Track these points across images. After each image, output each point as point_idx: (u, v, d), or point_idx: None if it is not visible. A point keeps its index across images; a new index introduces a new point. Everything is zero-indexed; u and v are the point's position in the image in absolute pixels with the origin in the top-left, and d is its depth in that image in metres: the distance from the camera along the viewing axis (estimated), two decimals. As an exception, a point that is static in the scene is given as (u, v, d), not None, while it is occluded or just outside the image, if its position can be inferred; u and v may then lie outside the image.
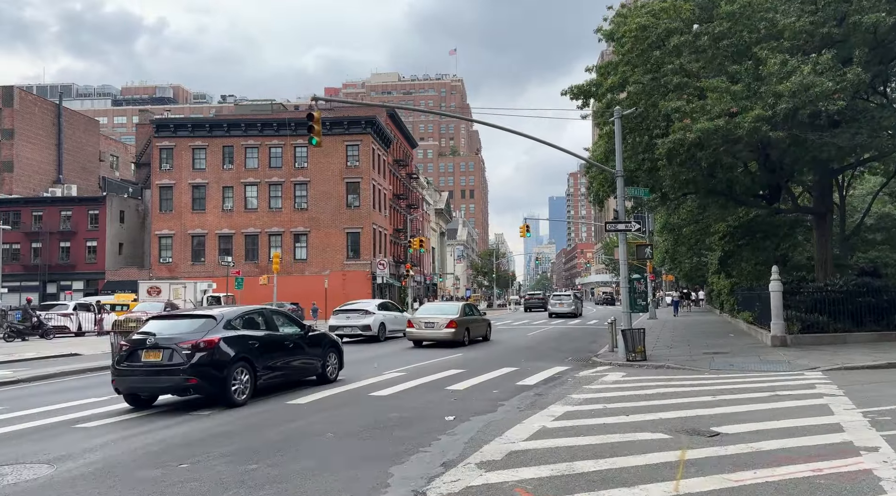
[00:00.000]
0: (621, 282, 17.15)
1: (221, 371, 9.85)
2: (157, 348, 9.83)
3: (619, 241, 17.29)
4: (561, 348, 20.80)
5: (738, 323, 26.91)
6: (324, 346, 12.53)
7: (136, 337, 10.25)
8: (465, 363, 16.15)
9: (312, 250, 53.41)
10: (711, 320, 34.35)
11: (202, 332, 10.02)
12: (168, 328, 10.41)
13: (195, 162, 53.71)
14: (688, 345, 19.22)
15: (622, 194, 17.01)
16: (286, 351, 11.42)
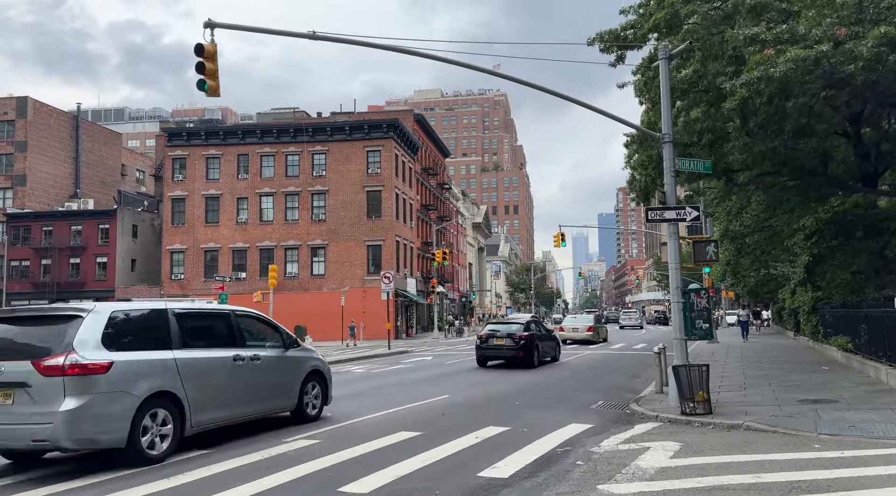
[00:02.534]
0: (671, 295, 11.91)
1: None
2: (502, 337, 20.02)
3: (668, 238, 12.07)
4: (591, 385, 15.55)
5: (826, 350, 21.00)
6: None
7: (487, 330, 21.22)
8: (435, 414, 11.14)
9: (331, 265, 49.26)
10: (787, 345, 28.23)
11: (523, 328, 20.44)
12: (505, 326, 21.12)
13: (209, 172, 50.50)
14: (769, 386, 13.69)
15: (670, 167, 11.83)
16: None
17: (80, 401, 6.95)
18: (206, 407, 8.31)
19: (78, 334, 7.20)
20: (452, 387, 15.19)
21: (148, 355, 7.76)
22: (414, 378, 17.19)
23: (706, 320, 11.61)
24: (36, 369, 6.99)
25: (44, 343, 7.26)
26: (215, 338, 8.92)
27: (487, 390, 14.62)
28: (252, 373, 9.16)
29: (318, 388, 10.59)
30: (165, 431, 7.73)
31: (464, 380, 16.59)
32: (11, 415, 6.96)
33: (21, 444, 7.14)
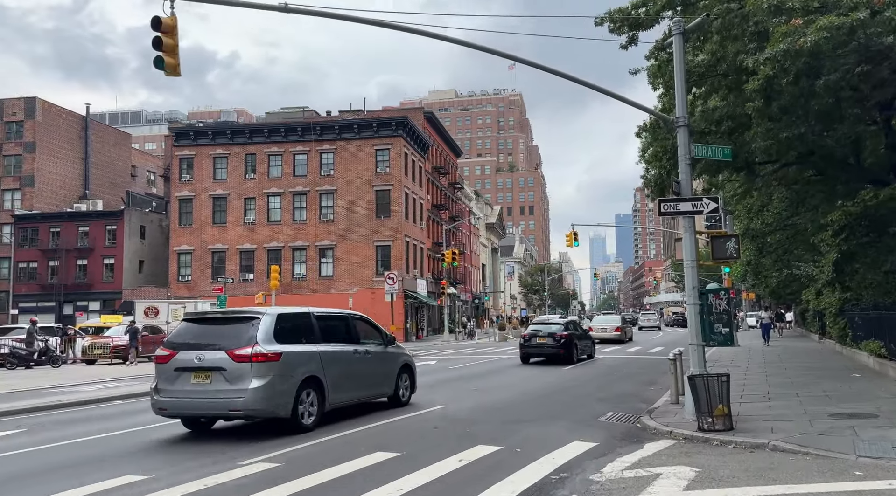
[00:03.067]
0: (687, 296, 10.72)
1: None
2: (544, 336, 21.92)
3: (683, 233, 10.89)
4: (601, 394, 14.37)
5: (856, 355, 19.62)
6: None
7: (531, 330, 23.00)
8: (425, 428, 10.06)
9: (339, 266, 48.39)
10: (812, 349, 26.77)
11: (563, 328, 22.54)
12: (546, 326, 22.89)
13: (216, 172, 49.88)
14: (796, 396, 12.43)
15: (685, 154, 10.66)
16: None
17: (263, 382, 9.19)
18: (338, 389, 10.49)
19: (258, 331, 9.47)
20: (451, 395, 14.09)
21: (302, 348, 10.01)
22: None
23: (726, 324, 10.40)
24: (229, 357, 9.26)
25: (233, 338, 9.49)
26: (340, 335, 11.12)
27: (488, 399, 13.50)
28: (365, 365, 11.36)
29: (408, 379, 12.74)
30: (312, 408, 9.90)
31: (464, 388, 15.49)
32: (210, 391, 9.32)
33: (219, 413, 9.61)
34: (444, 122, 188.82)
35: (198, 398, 9.38)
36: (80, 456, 8.60)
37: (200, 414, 9.79)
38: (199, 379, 9.39)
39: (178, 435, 9.94)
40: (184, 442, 9.41)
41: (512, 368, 21.32)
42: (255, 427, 10.13)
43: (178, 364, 9.49)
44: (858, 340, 19.63)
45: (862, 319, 18.56)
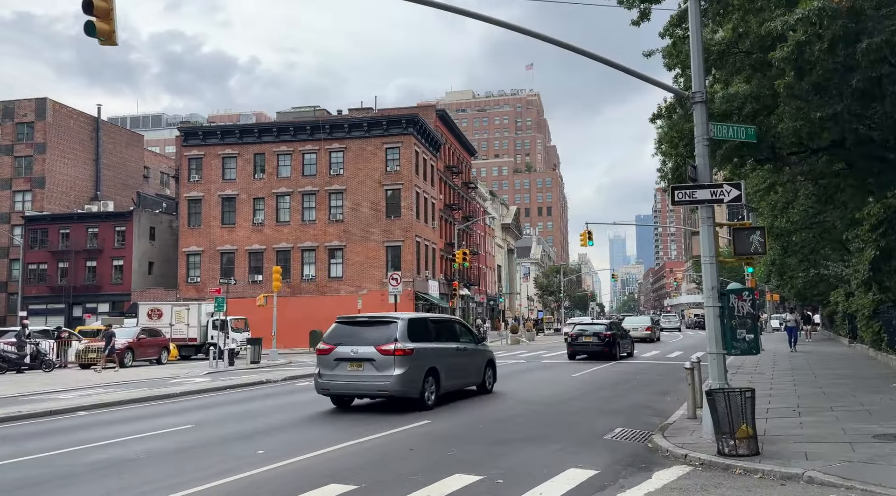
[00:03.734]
0: (705, 298, 9.39)
1: None
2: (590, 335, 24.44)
3: (700, 225, 9.55)
4: (612, 405, 13.07)
5: (892, 361, 18.02)
6: None
7: (577, 330, 25.41)
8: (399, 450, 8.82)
9: (348, 267, 47.36)
10: (842, 354, 25.07)
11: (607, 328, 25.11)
12: (591, 326, 25.72)
13: (225, 172, 49.15)
14: (831, 410, 11.00)
15: (703, 134, 9.34)
16: None
17: (402, 370, 11.86)
18: (448, 378, 13.08)
19: (397, 332, 12.16)
20: (444, 406, 12.85)
21: (425, 344, 12.65)
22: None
23: (751, 329, 9.03)
24: (377, 351, 11.97)
25: (379, 336, 12.20)
26: (447, 335, 13.96)
27: (483, 411, 12.25)
28: (464, 359, 14.06)
29: (491, 372, 15.28)
30: (432, 391, 12.51)
31: (461, 398, 14.23)
32: (362, 377, 12.07)
33: (369, 393, 12.42)
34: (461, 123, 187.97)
35: (353, 381, 12.21)
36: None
37: (355, 394, 12.67)
38: (354, 367, 12.21)
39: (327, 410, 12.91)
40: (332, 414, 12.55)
41: (519, 374, 20.03)
42: (379, 405, 12.98)
43: (337, 355, 12.27)
44: (894, 344, 18.06)
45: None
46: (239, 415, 12.47)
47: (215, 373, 23.17)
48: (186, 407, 13.81)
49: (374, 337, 12.21)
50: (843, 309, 29.11)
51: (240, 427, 10.92)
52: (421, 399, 12.10)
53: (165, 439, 9.89)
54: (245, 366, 26.12)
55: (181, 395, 15.38)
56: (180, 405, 14.13)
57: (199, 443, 9.53)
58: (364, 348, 12.08)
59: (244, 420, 11.73)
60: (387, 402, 12.95)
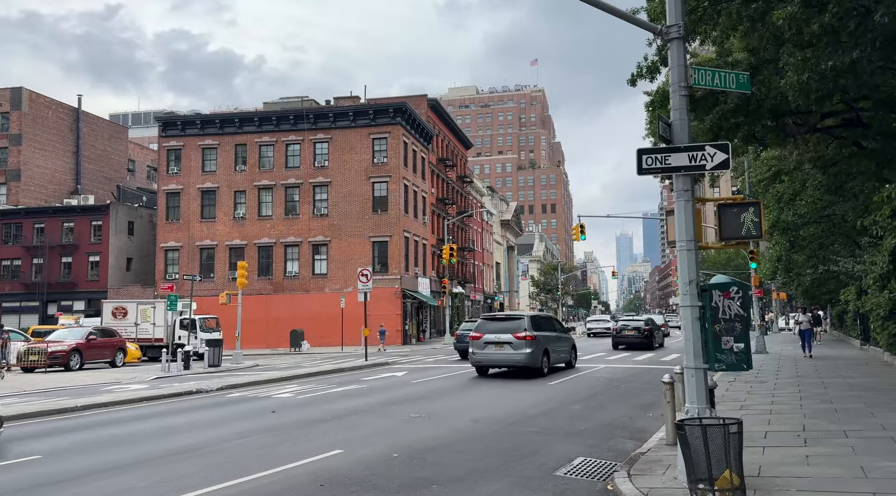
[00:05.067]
0: (680, 295, 7.17)
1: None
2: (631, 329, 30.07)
3: (675, 200, 7.33)
4: (579, 424, 10.91)
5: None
6: None
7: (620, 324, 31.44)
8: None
9: (333, 263, 45.25)
10: (854, 358, 22.74)
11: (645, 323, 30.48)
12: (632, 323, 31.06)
13: (205, 163, 47.14)
14: (845, 437, 8.74)
15: (680, 80, 7.16)
16: None
17: (530, 350, 17.83)
18: (551, 357, 18.91)
19: (525, 323, 18.33)
20: (371, 429, 10.68)
21: (540, 333, 18.46)
22: (328, 412, 12.70)
23: (740, 337, 6.81)
24: (514, 337, 17.98)
25: (513, 327, 18.26)
26: (549, 326, 19.81)
27: (417, 436, 10.06)
28: (560, 343, 19.88)
29: (574, 353, 21.03)
30: (545, 364, 18.36)
31: (401, 415, 12.05)
32: (503, 354, 18.16)
33: (508, 365, 18.42)
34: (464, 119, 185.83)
35: (496, 357, 18.31)
36: None
37: (497, 365, 18.72)
38: (496, 348, 18.14)
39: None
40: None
41: (487, 383, 17.86)
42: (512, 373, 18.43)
43: (486, 340, 18.27)
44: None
45: (924, 325, 14.68)
46: (106, 441, 10.20)
47: (162, 379, 21.10)
48: (57, 428, 11.52)
49: (509, 327, 18.33)
50: (855, 308, 26.74)
51: (89, 461, 8.81)
52: (540, 369, 18.16)
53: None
54: (202, 371, 24.05)
55: (80, 410, 13.23)
56: (52, 425, 11.86)
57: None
58: (504, 335, 18.14)
59: (101, 451, 9.60)
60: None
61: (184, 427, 11.34)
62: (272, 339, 43.46)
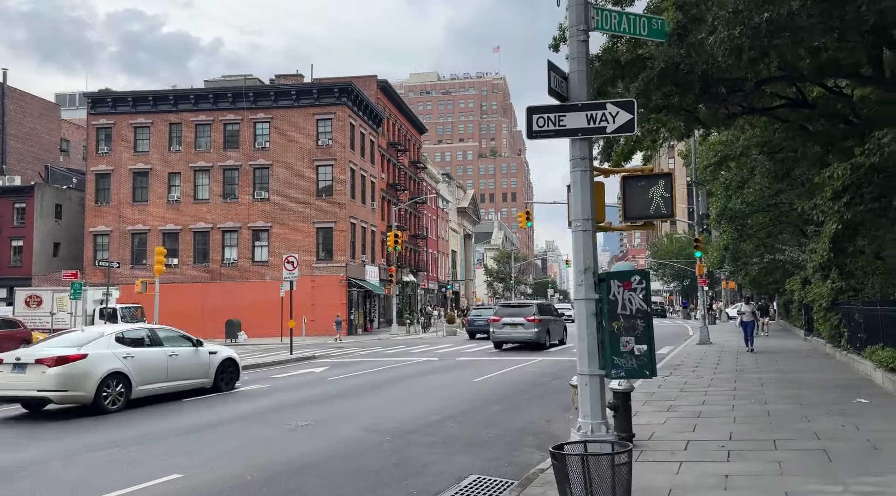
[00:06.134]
0: (574, 286, 5.85)
1: None
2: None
3: (572, 168, 5.97)
4: (486, 432, 9.61)
5: (855, 363, 14.95)
6: None
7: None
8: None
9: (275, 250, 43.22)
10: (797, 350, 22.11)
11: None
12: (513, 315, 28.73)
13: (137, 143, 44.47)
14: (774, 449, 7.58)
15: (579, 21, 5.80)
16: None
17: (537, 329, 23.55)
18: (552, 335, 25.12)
19: (534, 310, 24.29)
20: (235, 445, 9.19)
21: (543, 316, 24.37)
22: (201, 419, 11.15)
23: (643, 337, 5.52)
24: (525, 320, 23.73)
25: (525, 312, 24.25)
26: (548, 312, 26.30)
27: (287, 454, 8.61)
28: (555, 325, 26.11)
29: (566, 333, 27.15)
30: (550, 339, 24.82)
31: (287, 422, 10.58)
32: (517, 332, 23.81)
33: (521, 341, 23.89)
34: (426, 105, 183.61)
35: (512, 335, 23.76)
36: None
37: (512, 341, 24.05)
38: (511, 328, 23.71)
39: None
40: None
41: (412, 379, 16.55)
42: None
43: (504, 322, 23.86)
44: (857, 343, 14.99)
45: (866, 317, 13.83)
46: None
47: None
48: None
49: (522, 312, 24.03)
50: (799, 298, 26.25)
51: None
52: (544, 344, 23.60)
53: None
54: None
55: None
56: None
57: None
58: (517, 318, 23.74)
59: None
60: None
61: (10, 441, 9.62)
62: (208, 330, 41.22)
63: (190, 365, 13.28)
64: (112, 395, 11.54)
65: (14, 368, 11.25)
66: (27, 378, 11.09)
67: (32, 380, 11.03)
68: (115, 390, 11.62)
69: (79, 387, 11.14)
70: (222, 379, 14.00)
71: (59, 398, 11.09)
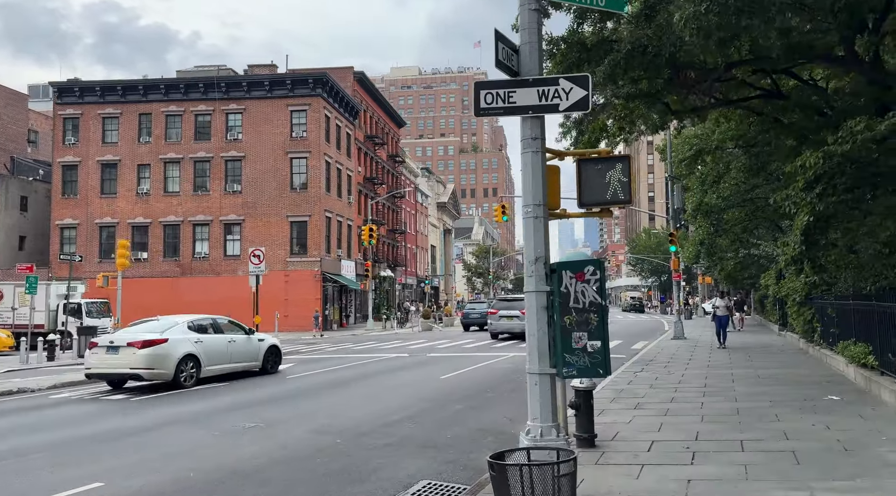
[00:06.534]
0: (525, 277, 5.37)
1: None
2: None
3: (522, 149, 5.48)
4: (444, 433, 9.16)
5: (828, 358, 14.73)
6: None
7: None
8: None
9: (247, 244, 42.26)
10: (771, 345, 21.97)
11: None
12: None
13: (105, 134, 43.28)
14: (741, 452, 7.18)
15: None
16: None
17: None
18: None
19: None
20: (169, 451, 8.62)
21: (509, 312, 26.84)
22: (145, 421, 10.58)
23: (596, 333, 5.06)
24: (519, 312, 24.01)
25: (518, 305, 25.11)
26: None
27: (227, 459, 8.06)
28: None
29: None
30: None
31: (229, 427, 10.03)
32: (513, 324, 25.43)
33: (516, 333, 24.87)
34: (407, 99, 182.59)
35: (507, 326, 25.72)
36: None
37: (508, 332, 25.81)
38: (507, 320, 25.72)
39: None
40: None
41: (380, 375, 16.07)
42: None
43: (500, 314, 25.94)
44: (830, 338, 14.75)
45: (839, 311, 13.57)
46: None
47: (13, 373, 18.37)
48: None
49: (516, 306, 25.48)
50: (774, 293, 26.15)
51: None
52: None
53: None
54: (70, 362, 21.31)
55: None
56: None
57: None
58: (512, 311, 25.52)
59: None
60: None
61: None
62: (179, 325, 40.44)
63: (244, 350, 15.50)
64: (186, 373, 13.68)
65: (108, 350, 13.48)
66: (120, 358, 13.29)
67: (125, 360, 13.23)
68: (189, 369, 13.76)
69: (162, 365, 13.34)
70: (268, 362, 16.14)
71: (147, 375, 13.25)
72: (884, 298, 10.23)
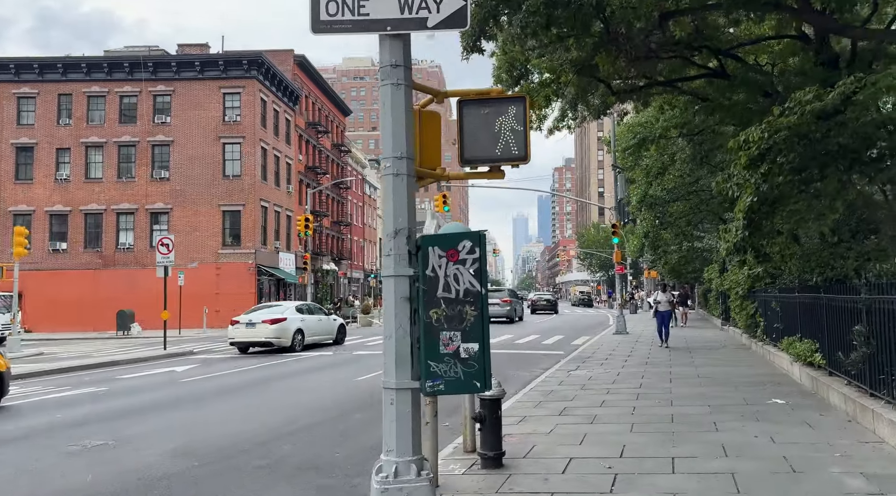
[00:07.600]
0: (383, 257, 3.91)
1: None
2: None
3: (381, 86, 4.00)
4: (331, 450, 7.64)
5: (771, 355, 13.87)
6: None
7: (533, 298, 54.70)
8: None
9: (176, 234, 39.57)
10: (713, 340, 21.22)
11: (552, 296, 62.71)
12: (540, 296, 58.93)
13: (21, 115, 40.03)
14: (671, 474, 5.91)
15: None
16: None
17: (509, 307, 34.55)
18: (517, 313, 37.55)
19: (506, 293, 36.74)
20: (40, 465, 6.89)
21: (512, 299, 36.39)
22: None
23: (472, 333, 3.72)
24: (500, 300, 33.78)
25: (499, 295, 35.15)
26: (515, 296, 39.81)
27: (46, 490, 6.39)
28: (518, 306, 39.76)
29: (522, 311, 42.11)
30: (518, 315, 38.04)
31: (71, 446, 8.34)
32: (499, 310, 32.90)
33: (503, 317, 33.73)
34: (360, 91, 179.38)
35: (495, 311, 31.62)
36: None
37: (497, 317, 32.44)
38: (497, 306, 32.17)
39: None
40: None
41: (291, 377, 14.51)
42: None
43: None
44: (773, 333, 13.88)
45: (783, 305, 12.65)
46: None
47: None
48: None
49: (498, 295, 33.55)
50: (717, 287, 25.57)
51: None
52: (512, 320, 33.74)
53: None
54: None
55: None
56: None
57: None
58: (494, 299, 30.46)
59: None
60: None
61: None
62: (100, 321, 37.63)
63: (326, 326, 22.17)
64: (297, 342, 19.89)
65: (247, 326, 19.69)
66: (257, 331, 19.44)
67: (261, 332, 19.40)
68: (298, 339, 20.01)
69: (285, 336, 19.62)
70: (339, 334, 22.68)
71: (276, 343, 19.44)
72: (832, 290, 9.25)
